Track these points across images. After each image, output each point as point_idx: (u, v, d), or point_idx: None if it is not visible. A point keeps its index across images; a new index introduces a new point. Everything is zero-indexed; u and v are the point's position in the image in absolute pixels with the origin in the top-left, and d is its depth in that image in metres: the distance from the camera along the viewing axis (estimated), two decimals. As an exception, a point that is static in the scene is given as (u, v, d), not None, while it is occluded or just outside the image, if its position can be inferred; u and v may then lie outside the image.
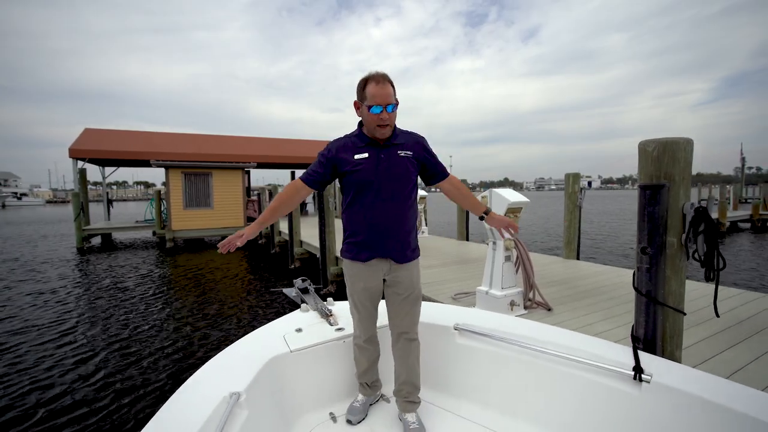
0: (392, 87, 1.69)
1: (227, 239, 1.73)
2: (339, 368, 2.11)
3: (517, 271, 3.71)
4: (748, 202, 25.21)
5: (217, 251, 2.37)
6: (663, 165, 1.91)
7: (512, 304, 3.51)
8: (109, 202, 17.87)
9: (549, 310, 3.68)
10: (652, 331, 1.97)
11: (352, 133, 1.81)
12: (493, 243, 3.60)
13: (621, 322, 3.33)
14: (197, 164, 14.27)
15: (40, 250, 12.99)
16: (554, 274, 5.27)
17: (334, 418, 1.96)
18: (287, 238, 10.22)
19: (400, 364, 1.90)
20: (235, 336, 4.90)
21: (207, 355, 4.31)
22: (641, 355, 1.65)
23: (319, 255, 7.51)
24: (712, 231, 1.81)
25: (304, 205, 17.97)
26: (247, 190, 16.76)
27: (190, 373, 1.68)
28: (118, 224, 15.66)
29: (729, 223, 17.78)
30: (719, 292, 4.17)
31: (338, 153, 1.76)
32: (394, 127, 1.78)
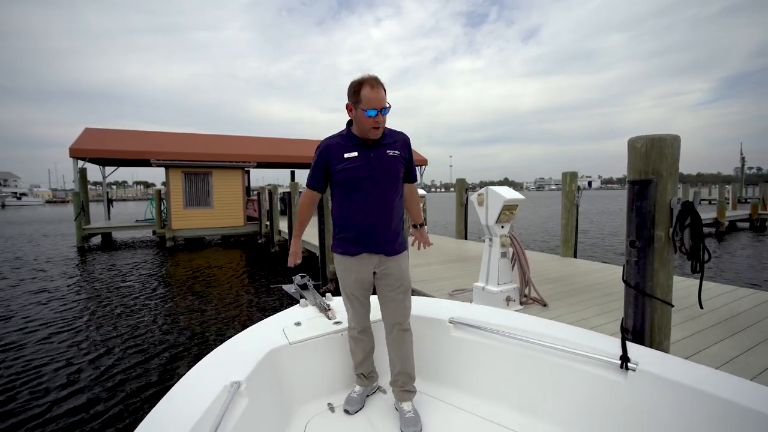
0: (384, 90, 1.74)
1: (292, 258, 2.06)
2: (337, 360, 2.17)
3: (513, 268, 3.77)
4: (747, 202, 25.26)
5: (212, 250, 2.45)
6: (651, 161, 1.97)
7: (508, 300, 3.56)
8: (110, 202, 17.93)
9: (544, 305, 3.73)
10: (641, 323, 2.03)
11: (341, 132, 1.87)
12: (490, 240, 3.65)
13: (616, 317, 3.38)
14: (197, 164, 14.32)
15: (41, 249, 13.04)
16: (551, 272, 5.32)
17: (332, 408, 2.01)
18: (287, 237, 10.27)
19: (394, 355, 1.96)
20: (235, 330, 4.95)
21: (208, 349, 4.37)
22: (629, 346, 1.70)
23: (318, 254, 7.56)
24: (697, 225, 1.87)
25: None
26: (247, 190, 16.80)
27: (193, 364, 1.73)
28: (119, 223, 15.72)
29: (728, 223, 17.81)
30: (714, 288, 4.24)
31: (329, 152, 1.83)
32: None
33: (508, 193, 3.46)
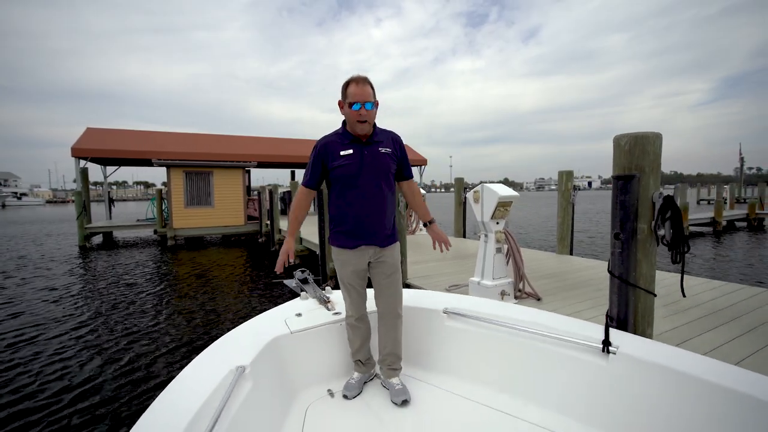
0: (371, 88, 1.87)
1: (281, 260, 1.98)
2: (336, 349, 2.27)
3: (508, 263, 3.87)
4: (746, 202, 25.35)
5: (213, 249, 2.54)
6: (634, 157, 2.07)
7: (503, 294, 3.66)
8: (111, 202, 18.03)
9: (538, 299, 3.83)
10: (625, 311, 2.13)
11: (337, 131, 1.99)
12: (485, 235, 3.75)
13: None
14: (198, 163, 14.43)
15: (45, 248, 13.15)
16: (547, 268, 5.42)
17: (331, 393, 2.11)
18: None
19: (386, 338, 2.09)
20: (238, 323, 5.14)
21: (213, 339, 4.55)
22: (611, 332, 1.81)
23: (318, 251, 7.67)
24: (677, 217, 1.97)
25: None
26: (248, 189, 16.90)
27: (199, 353, 1.83)
28: (120, 223, 15.83)
29: (726, 223, 17.91)
30: (705, 283, 4.34)
31: (326, 149, 1.94)
32: (374, 125, 1.96)
33: (502, 190, 3.56)
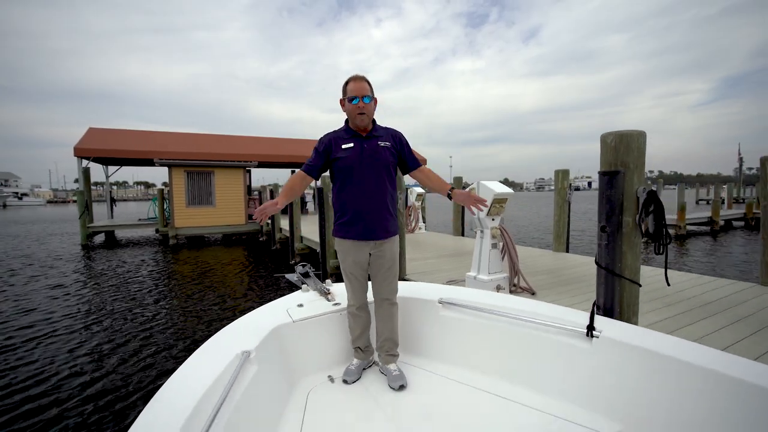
0: (369, 85, 2.03)
1: (262, 207, 1.90)
2: (336, 337, 2.38)
3: (503, 258, 3.98)
4: (744, 202, 25.44)
5: (214, 248, 2.64)
6: (620, 154, 2.18)
7: (498, 288, 3.77)
8: (113, 201, 18.15)
9: (533, 294, 3.94)
10: (611, 300, 2.25)
11: (341, 128, 2.14)
12: (481, 231, 3.86)
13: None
14: (200, 163, 14.55)
15: (50, 247, 13.26)
16: (542, 265, 5.53)
17: (331, 379, 2.22)
18: (288, 235, 10.49)
19: (383, 325, 2.21)
20: (241, 315, 5.34)
21: (216, 331, 4.78)
22: (597, 318, 1.92)
23: (319, 249, 7.78)
24: (659, 211, 2.08)
25: (304, 204, 18.24)
26: (248, 189, 17.02)
27: (204, 341, 1.94)
28: (122, 222, 15.94)
29: (723, 222, 18.01)
30: (695, 279, 4.45)
31: (329, 143, 2.09)
32: (374, 122, 2.11)
33: (497, 187, 3.68)
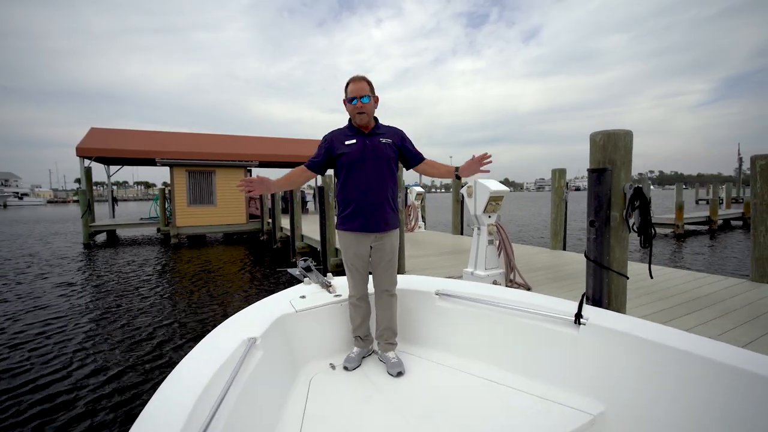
0: (368, 84, 2.12)
1: (251, 178, 2.02)
2: (337, 327, 2.48)
3: (500, 255, 4.09)
4: (742, 201, 25.53)
5: (216, 247, 2.77)
6: (607, 152, 2.29)
7: (494, 283, 3.87)
8: (114, 200, 18.26)
9: (528, 289, 4.05)
10: (600, 292, 2.36)
11: (345, 126, 2.26)
12: (478, 228, 3.97)
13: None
14: (201, 163, 14.66)
15: (53, 246, 13.36)
16: (539, 262, 5.64)
17: (333, 366, 2.32)
18: (289, 234, 10.60)
19: (382, 315, 2.31)
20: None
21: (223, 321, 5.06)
22: (585, 307, 2.02)
23: (319, 248, 7.89)
24: (645, 206, 2.19)
25: (304, 204, 18.35)
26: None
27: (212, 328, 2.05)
28: (124, 221, 16.05)
29: (722, 221, 18.12)
30: (687, 275, 4.55)
31: (333, 140, 2.20)
32: (376, 120, 2.21)
33: (494, 186, 3.78)
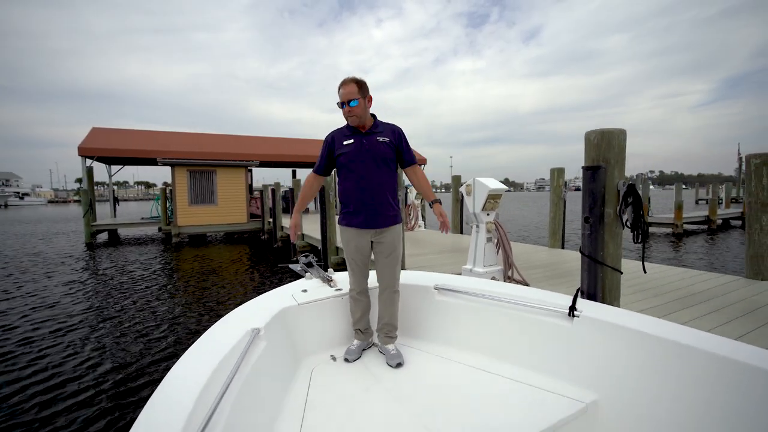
0: (357, 86, 2.13)
1: (291, 233, 2.45)
2: (338, 320, 2.54)
3: (498, 252, 4.15)
4: (741, 201, 25.60)
5: (217, 246, 2.90)
6: (601, 150, 2.35)
7: (493, 280, 3.94)
8: (116, 200, 18.34)
9: (526, 286, 4.11)
10: (594, 287, 2.42)
11: (344, 126, 2.30)
12: (477, 226, 4.03)
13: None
14: (202, 162, 14.72)
15: (54, 246, 13.44)
16: (537, 260, 5.70)
17: (333, 358, 2.39)
18: (289, 233, 10.67)
19: (384, 310, 2.36)
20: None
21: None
22: (579, 301, 2.08)
23: (320, 246, 7.95)
24: (637, 202, 2.25)
25: (305, 203, 18.40)
26: (249, 188, 17.19)
27: (217, 320, 2.11)
28: (126, 220, 16.12)
29: (721, 221, 18.20)
30: (683, 272, 4.62)
31: (332, 141, 2.28)
32: (374, 118, 2.26)
33: (492, 184, 3.84)
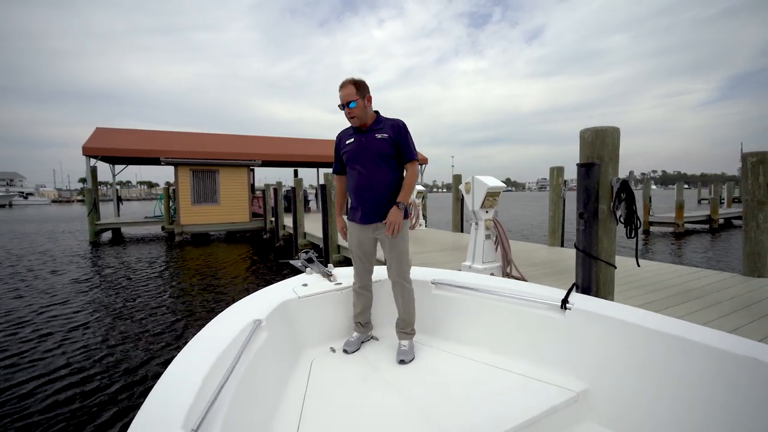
0: (355, 87, 2.17)
1: (341, 233, 2.56)
2: (338, 313, 2.61)
3: (497, 249, 4.21)
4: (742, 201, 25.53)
5: (219, 245, 3.01)
6: (596, 148, 2.41)
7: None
8: (119, 199, 18.47)
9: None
10: (588, 281, 2.48)
11: (349, 126, 2.36)
12: (476, 223, 4.09)
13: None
14: (205, 162, 14.82)
15: (60, 244, 13.55)
16: (536, 257, 5.75)
17: (333, 350, 2.45)
18: (291, 232, 10.74)
19: (397, 304, 2.40)
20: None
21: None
22: (573, 295, 2.14)
23: (321, 245, 8.02)
24: (630, 198, 2.31)
25: (306, 202, 18.50)
26: (252, 187, 17.28)
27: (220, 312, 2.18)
28: (129, 219, 16.25)
29: (723, 220, 18.17)
30: (681, 269, 4.66)
31: (339, 141, 2.40)
32: (377, 115, 2.31)
33: (491, 182, 3.90)
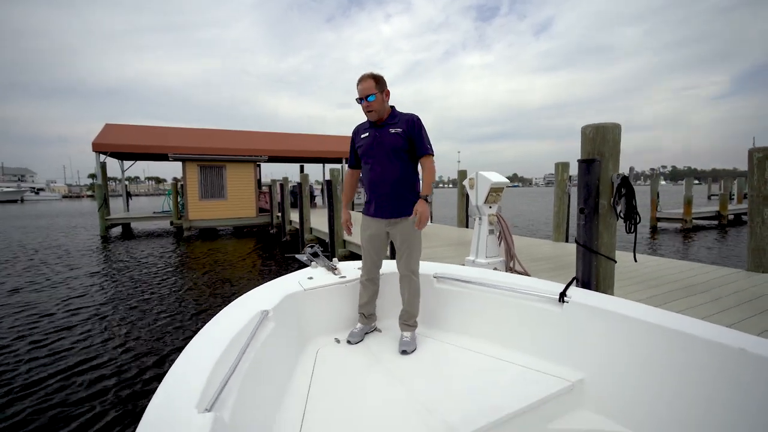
0: (374, 81, 2.19)
1: (345, 228, 2.59)
2: (343, 306, 2.68)
3: (500, 244, 4.25)
4: (755, 196, 25.17)
5: (227, 240, 3.05)
6: (596, 144, 2.44)
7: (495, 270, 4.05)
8: (128, 195, 18.74)
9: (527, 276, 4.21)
10: (588, 275, 2.52)
11: (366, 120, 2.40)
12: (479, 218, 4.13)
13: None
14: (212, 158, 14.98)
15: (74, 239, 13.83)
16: (540, 253, 5.78)
17: (337, 340, 2.52)
18: (297, 227, 10.85)
19: (402, 296, 2.46)
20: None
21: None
22: (572, 288, 2.19)
23: (327, 240, 8.11)
24: (630, 194, 2.34)
25: (313, 198, 18.62)
26: (258, 183, 17.41)
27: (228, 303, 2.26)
28: (139, 214, 16.49)
29: (733, 216, 17.97)
30: (683, 264, 4.67)
31: (354, 135, 2.45)
32: (393, 109, 2.33)
33: (494, 177, 3.94)
